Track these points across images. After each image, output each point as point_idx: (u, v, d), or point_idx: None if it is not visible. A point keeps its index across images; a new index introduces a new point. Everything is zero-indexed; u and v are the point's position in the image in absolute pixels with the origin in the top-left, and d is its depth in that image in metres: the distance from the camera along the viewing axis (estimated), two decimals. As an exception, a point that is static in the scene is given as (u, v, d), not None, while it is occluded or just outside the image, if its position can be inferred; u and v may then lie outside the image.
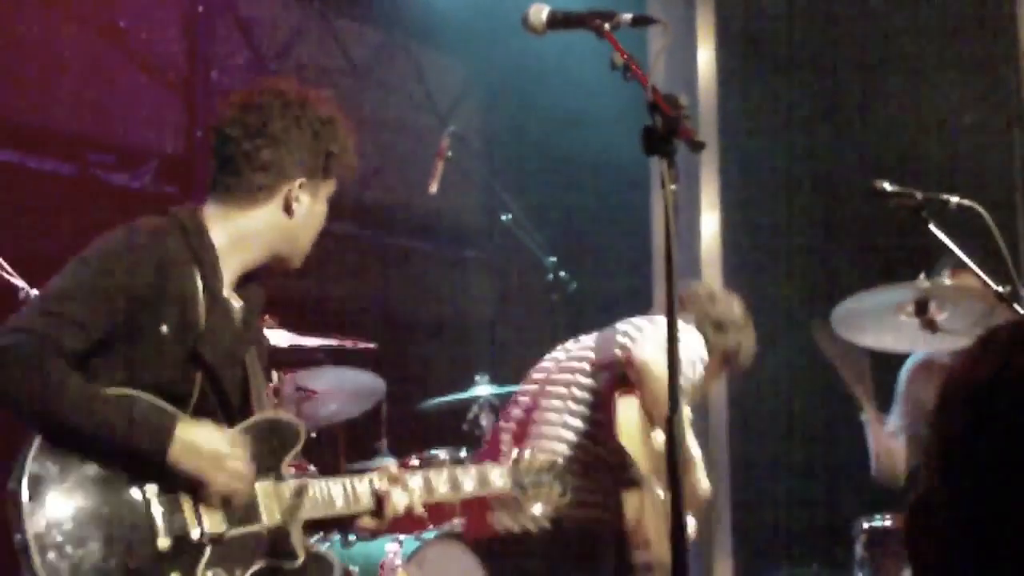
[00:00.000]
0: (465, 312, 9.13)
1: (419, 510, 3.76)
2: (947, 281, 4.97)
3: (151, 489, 3.22)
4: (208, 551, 3.25)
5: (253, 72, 7.76)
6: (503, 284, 9.19)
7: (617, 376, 4.55)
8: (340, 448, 6.50)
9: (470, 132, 8.41)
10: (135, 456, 3.18)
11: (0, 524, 3.12)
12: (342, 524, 3.69)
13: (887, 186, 4.71)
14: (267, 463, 3.45)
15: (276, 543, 3.41)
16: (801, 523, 7.50)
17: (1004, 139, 7.69)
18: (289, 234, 3.56)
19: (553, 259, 6.36)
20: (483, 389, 6.46)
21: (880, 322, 4.87)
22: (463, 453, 6.27)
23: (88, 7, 7.21)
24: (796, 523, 7.56)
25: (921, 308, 4.72)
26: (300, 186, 3.53)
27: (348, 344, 6.16)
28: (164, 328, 3.29)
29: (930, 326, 4.71)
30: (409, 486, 3.73)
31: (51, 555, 3.06)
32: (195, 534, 3.24)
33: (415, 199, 7.96)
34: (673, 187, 2.95)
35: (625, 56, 3.12)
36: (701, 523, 4.68)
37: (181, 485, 3.25)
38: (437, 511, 6.10)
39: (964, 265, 4.74)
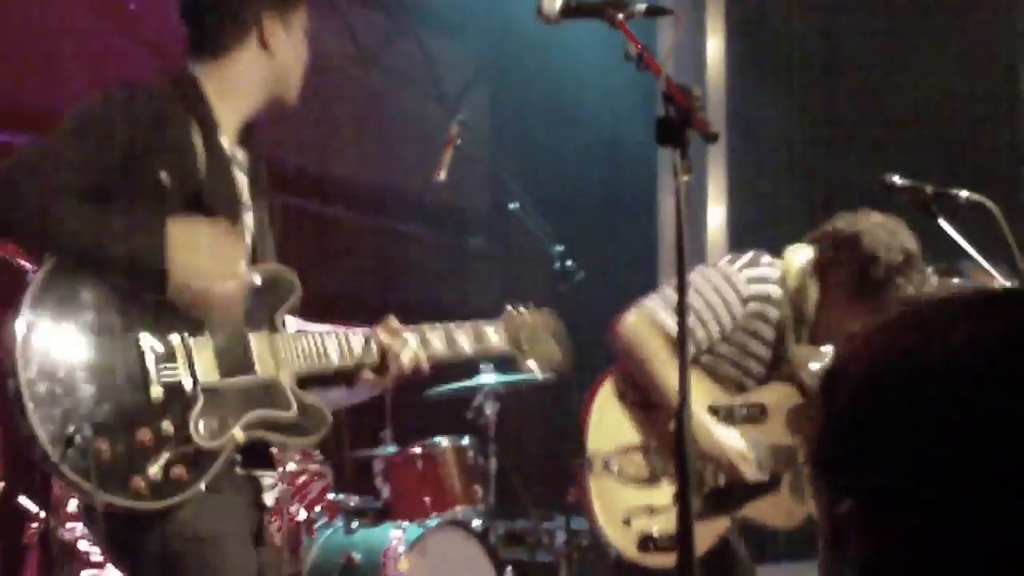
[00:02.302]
0: (471, 300, 9.13)
1: (424, 365, 3.68)
2: (955, 280, 4.96)
3: (145, 338, 3.21)
4: (200, 401, 3.23)
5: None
6: (509, 273, 9.20)
7: None
8: (344, 437, 6.51)
9: (478, 120, 8.41)
10: (134, 260, 3.20)
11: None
12: (343, 380, 3.62)
13: (897, 180, 4.71)
14: (262, 315, 3.45)
15: (269, 394, 3.40)
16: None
17: (1011, 130, 7.70)
18: (275, 72, 3.55)
19: (560, 248, 6.35)
20: (488, 377, 6.46)
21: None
22: (465, 441, 6.28)
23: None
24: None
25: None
26: (270, 20, 3.52)
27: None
28: (163, 175, 3.29)
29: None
30: (406, 339, 3.67)
31: (43, 402, 3.07)
32: (187, 383, 3.23)
33: (422, 187, 7.95)
34: (686, 178, 2.95)
35: (639, 46, 3.12)
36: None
37: (177, 326, 3.25)
38: (440, 499, 6.11)
39: (980, 268, 4.74)
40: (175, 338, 3.26)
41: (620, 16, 3.19)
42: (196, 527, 3.24)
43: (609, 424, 4.40)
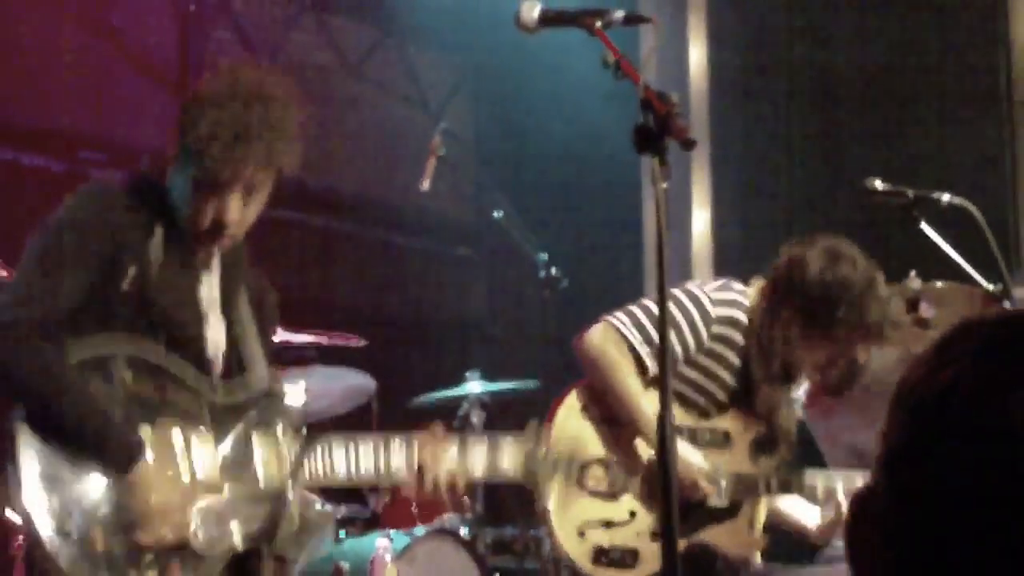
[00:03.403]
0: (456, 309, 9.13)
1: (460, 486, 3.63)
2: (939, 283, 4.98)
3: (146, 431, 3.30)
4: (201, 503, 3.30)
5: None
6: (494, 281, 9.20)
7: None
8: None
9: (461, 129, 8.42)
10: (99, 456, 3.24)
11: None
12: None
13: (878, 184, 4.73)
14: (266, 422, 3.46)
15: (271, 506, 3.41)
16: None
17: (995, 137, 7.72)
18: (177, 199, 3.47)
19: (544, 256, 6.36)
20: (474, 386, 6.47)
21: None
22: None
23: (81, 4, 7.21)
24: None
25: (912, 306, 4.72)
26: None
27: (338, 341, 6.15)
28: (124, 285, 3.31)
29: (921, 324, 4.71)
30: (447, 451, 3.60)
31: (42, 495, 3.15)
32: (186, 479, 3.30)
33: (406, 196, 7.95)
34: (664, 185, 2.96)
35: (617, 54, 3.12)
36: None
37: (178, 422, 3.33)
38: (428, 508, 6.11)
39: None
40: (176, 432, 3.32)
41: (598, 24, 3.20)
42: None
43: (572, 435, 4.38)
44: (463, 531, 6.08)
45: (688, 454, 4.35)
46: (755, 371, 4.44)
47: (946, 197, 4.71)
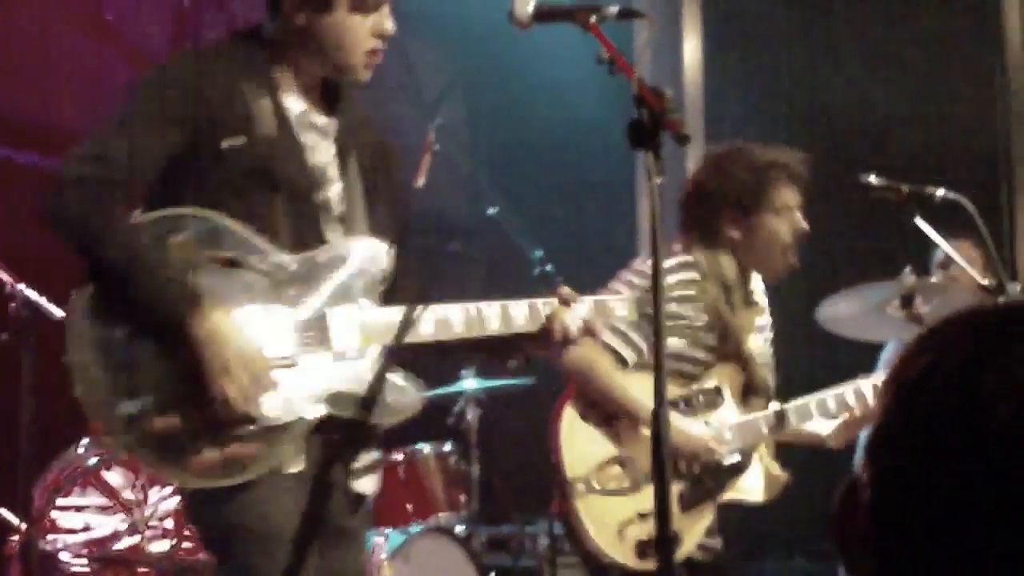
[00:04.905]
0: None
1: (598, 328, 3.65)
2: (935, 277, 4.98)
3: None
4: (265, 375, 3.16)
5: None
6: (489, 277, 9.19)
7: None
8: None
9: (457, 125, 8.40)
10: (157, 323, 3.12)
11: None
12: (502, 350, 3.58)
13: (873, 179, 4.73)
14: (349, 289, 3.35)
15: (347, 370, 3.29)
16: (786, 516, 7.50)
17: (988, 129, 7.72)
18: (317, 43, 3.40)
19: (540, 252, 6.35)
20: (469, 383, 6.46)
21: (866, 317, 4.87)
22: (447, 447, 6.26)
23: (74, 0, 7.19)
24: (780, 516, 7.57)
25: (907, 302, 4.72)
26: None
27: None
28: (225, 145, 3.23)
29: (916, 319, 4.71)
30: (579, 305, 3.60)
31: (102, 377, 3.06)
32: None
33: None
34: (659, 180, 2.96)
35: (611, 50, 3.12)
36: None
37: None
38: (423, 505, 6.10)
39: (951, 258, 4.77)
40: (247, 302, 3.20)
41: (592, 19, 3.19)
42: (248, 515, 3.16)
43: (581, 446, 4.47)
44: (458, 529, 6.08)
45: (687, 426, 4.44)
46: (722, 312, 4.56)
47: (940, 192, 4.71)
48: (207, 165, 3.24)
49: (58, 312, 4.91)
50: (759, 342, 4.76)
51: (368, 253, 3.42)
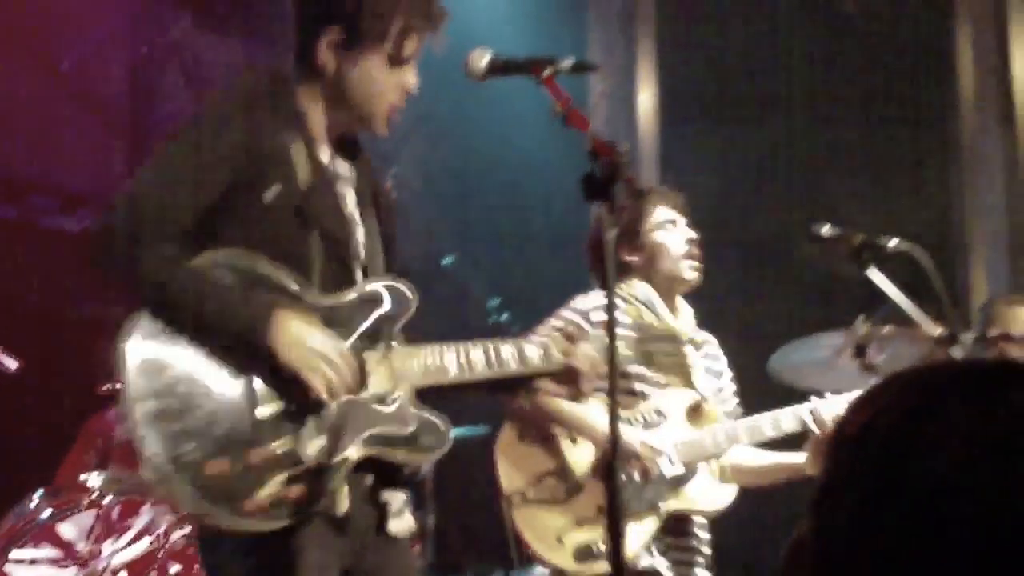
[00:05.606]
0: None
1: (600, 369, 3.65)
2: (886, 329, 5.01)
3: (251, 363, 3.14)
4: (309, 419, 3.16)
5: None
6: (443, 326, 9.17)
7: None
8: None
9: (412, 175, 8.41)
10: (235, 337, 3.12)
11: None
12: (517, 388, 3.65)
13: (824, 230, 4.75)
14: (377, 331, 3.38)
15: (385, 411, 3.32)
16: (774, 543, 7.50)
17: (942, 180, 7.79)
18: (346, 93, 3.46)
19: (496, 302, 6.35)
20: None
21: (819, 367, 4.89)
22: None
23: (29, 49, 7.18)
24: (768, 543, 7.58)
25: (860, 351, 4.74)
26: (328, 45, 3.42)
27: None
28: (268, 194, 3.24)
29: (869, 369, 4.73)
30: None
31: (153, 421, 3.02)
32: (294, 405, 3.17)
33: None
34: (614, 231, 2.98)
35: (564, 105, 3.13)
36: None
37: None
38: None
39: (904, 318, 4.79)
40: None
41: (546, 73, 3.21)
42: (276, 566, 3.13)
43: (517, 460, 4.62)
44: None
45: (628, 432, 4.54)
46: (648, 320, 4.79)
47: (893, 242, 4.73)
48: (244, 210, 3.25)
49: (10, 363, 4.88)
50: (713, 381, 4.91)
51: (397, 294, 3.47)
